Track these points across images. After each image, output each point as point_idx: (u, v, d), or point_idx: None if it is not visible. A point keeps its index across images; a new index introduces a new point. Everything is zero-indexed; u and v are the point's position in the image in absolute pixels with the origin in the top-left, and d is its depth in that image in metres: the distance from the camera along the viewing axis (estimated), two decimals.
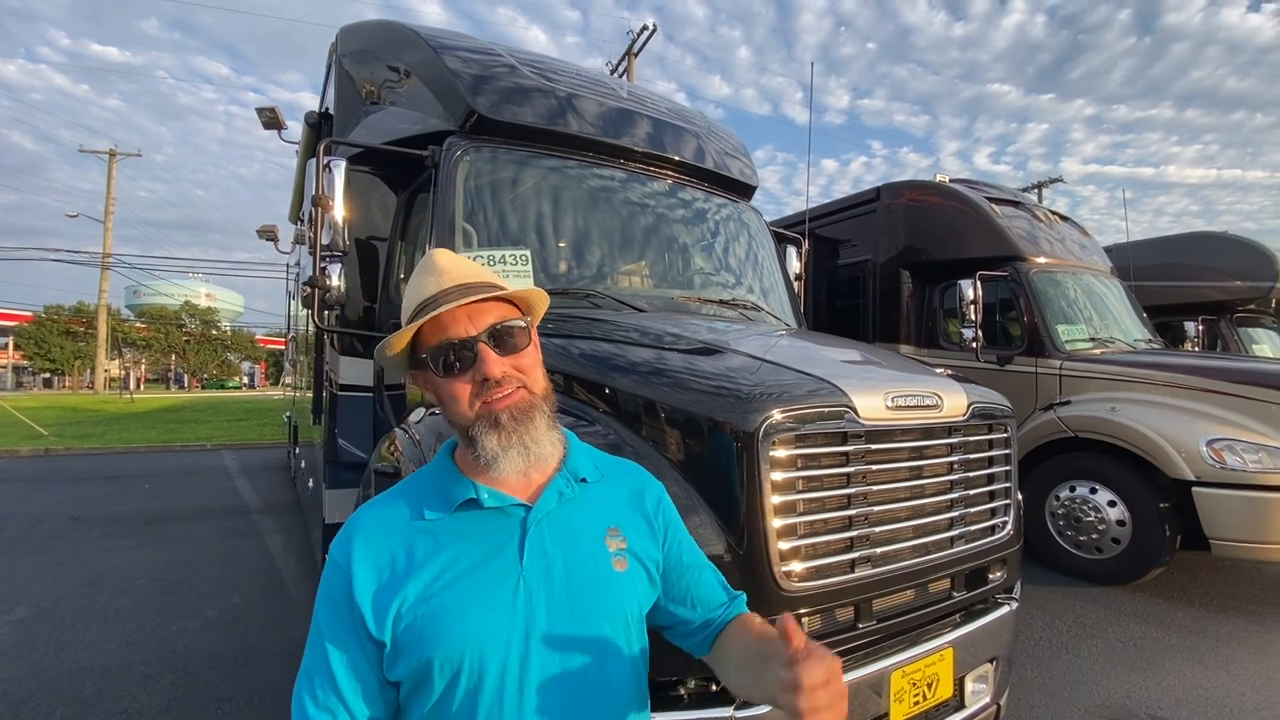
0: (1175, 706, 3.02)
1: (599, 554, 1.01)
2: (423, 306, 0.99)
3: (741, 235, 3.64)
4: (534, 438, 0.98)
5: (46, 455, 11.98)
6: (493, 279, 1.05)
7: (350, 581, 0.92)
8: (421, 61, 3.19)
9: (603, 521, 1.05)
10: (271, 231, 11.07)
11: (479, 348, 0.97)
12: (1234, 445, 4.24)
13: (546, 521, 1.00)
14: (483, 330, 0.98)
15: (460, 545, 0.96)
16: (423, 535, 0.96)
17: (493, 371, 0.97)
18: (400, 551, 0.95)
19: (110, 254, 35.00)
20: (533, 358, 1.04)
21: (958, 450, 2.01)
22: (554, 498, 1.02)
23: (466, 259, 1.08)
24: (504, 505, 0.99)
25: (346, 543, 0.97)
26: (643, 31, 18.14)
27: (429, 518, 0.98)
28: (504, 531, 0.98)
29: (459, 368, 0.98)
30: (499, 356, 0.98)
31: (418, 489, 1.03)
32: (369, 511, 1.02)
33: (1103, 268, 6.65)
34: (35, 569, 4.97)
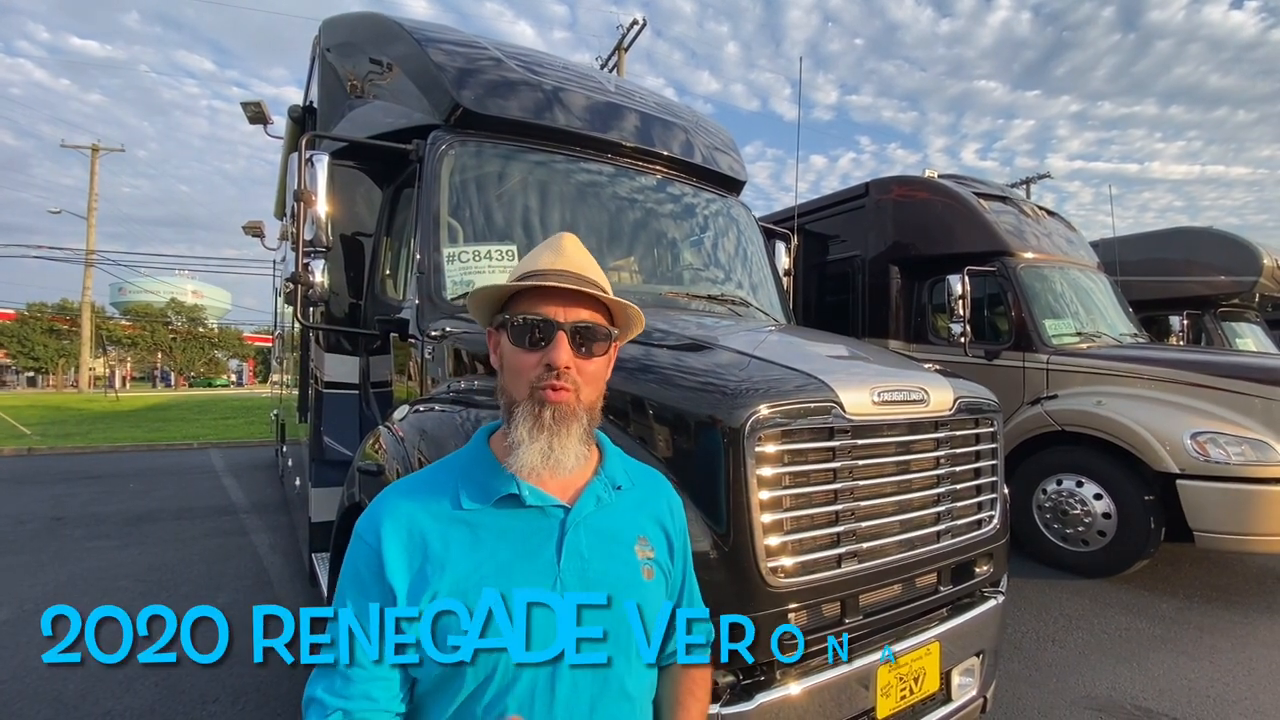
0: (1160, 696, 3.05)
1: (631, 561, 1.02)
2: (530, 275, 1.01)
3: (730, 230, 3.63)
4: (562, 445, 0.97)
5: (30, 455, 11.81)
6: (603, 283, 1.06)
7: (381, 562, 0.91)
8: (406, 55, 3.15)
9: (634, 530, 1.06)
10: (257, 228, 10.96)
11: (558, 334, 0.98)
12: (1218, 438, 4.29)
13: (584, 524, 1.00)
14: (571, 321, 0.99)
15: (498, 541, 0.96)
16: (459, 525, 0.96)
17: (560, 360, 0.97)
18: (435, 538, 0.94)
19: (94, 250, 34.54)
20: (600, 368, 1.04)
21: (944, 445, 2.01)
22: (592, 501, 1.02)
23: (591, 256, 1.09)
24: (544, 505, 0.99)
25: (376, 521, 0.96)
26: (632, 26, 18.07)
27: (467, 507, 0.97)
28: (543, 531, 0.98)
29: (532, 343, 0.99)
30: (572, 350, 0.99)
31: (453, 474, 1.03)
32: (399, 492, 1.01)
33: (1089, 263, 6.70)
34: (18, 570, 4.89)
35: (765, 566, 1.58)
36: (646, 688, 1.04)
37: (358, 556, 0.95)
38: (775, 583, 1.59)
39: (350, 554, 0.97)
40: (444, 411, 2.03)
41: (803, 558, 1.66)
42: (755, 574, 1.57)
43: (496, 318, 1.06)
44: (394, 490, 1.02)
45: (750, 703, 1.51)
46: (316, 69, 3.85)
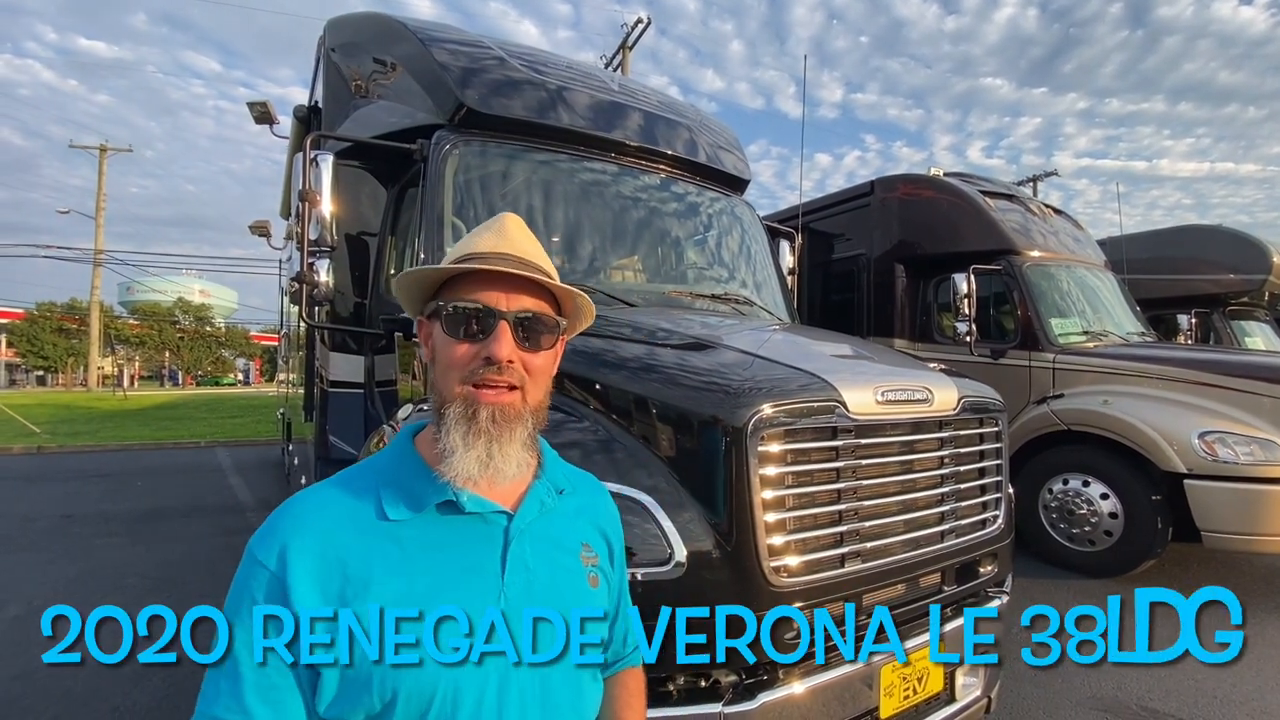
0: (1166, 697, 3.04)
1: (576, 569, 0.95)
2: (470, 258, 0.90)
3: (734, 229, 3.62)
4: (502, 452, 0.86)
5: (39, 453, 11.91)
6: (550, 268, 0.95)
7: (285, 589, 0.77)
8: (410, 54, 3.16)
9: (577, 536, 0.98)
10: (264, 227, 11.01)
11: (500, 324, 0.87)
12: (1226, 438, 4.26)
13: (529, 532, 0.91)
14: (514, 309, 0.88)
15: (432, 555, 0.84)
16: (383, 539, 0.83)
17: (500, 352, 0.86)
18: (355, 555, 0.80)
19: (102, 250, 34.77)
20: (547, 363, 0.94)
21: (948, 444, 2.01)
22: (536, 507, 0.93)
23: (536, 240, 0.98)
24: (485, 512, 0.88)
25: (276, 540, 0.81)
26: (637, 24, 18.05)
27: (393, 518, 0.84)
28: (484, 542, 0.88)
29: (468, 332, 0.87)
30: (514, 342, 0.88)
31: (373, 480, 0.89)
32: (307, 502, 0.87)
33: (1096, 261, 6.65)
34: (27, 567, 4.94)
35: (768, 566, 1.59)
36: (594, 702, 0.96)
37: (251, 582, 0.79)
38: (778, 582, 1.60)
39: (241, 579, 0.80)
40: None
41: (806, 557, 1.66)
42: (758, 573, 1.58)
43: (428, 305, 0.94)
44: (301, 500, 0.87)
45: (753, 702, 1.51)
46: (321, 69, 3.87)
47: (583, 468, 1.62)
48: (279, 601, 0.77)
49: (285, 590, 0.77)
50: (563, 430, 1.83)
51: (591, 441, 1.77)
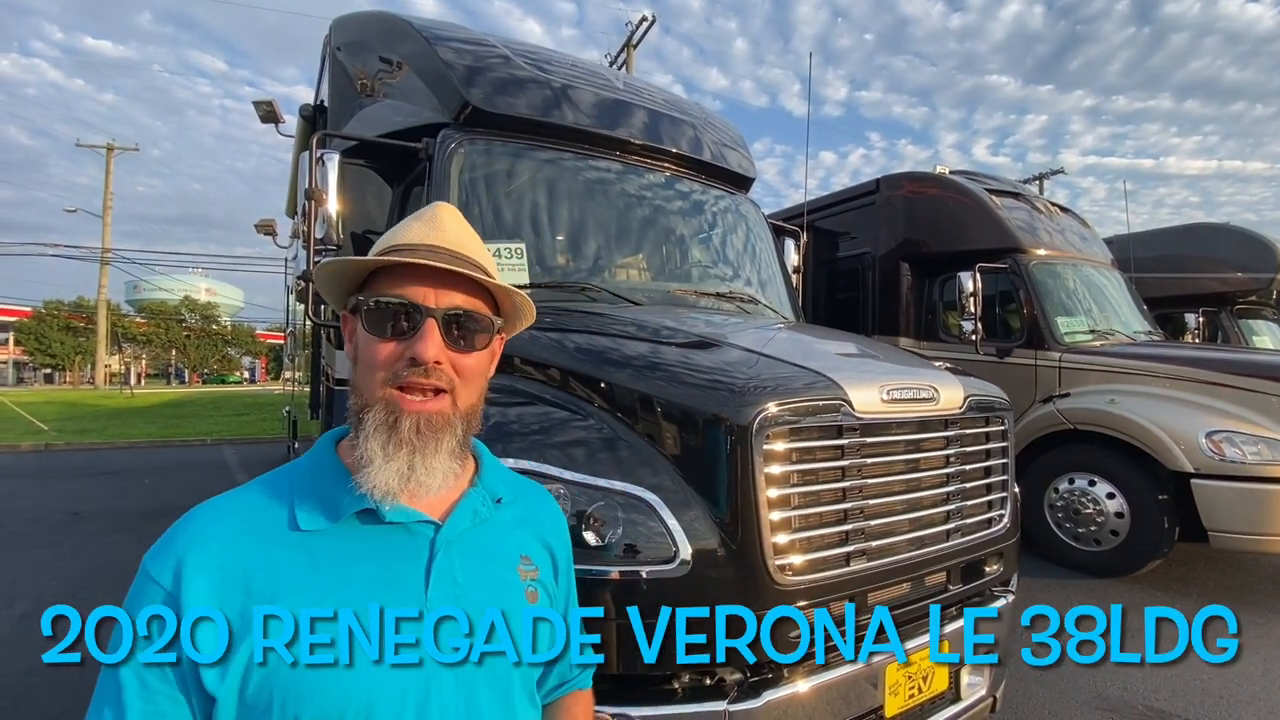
0: (1172, 697, 3.02)
1: (512, 583, 0.88)
2: (397, 249, 0.83)
3: (739, 227, 3.62)
4: (426, 464, 0.80)
5: (47, 450, 11.98)
6: (487, 263, 0.89)
7: (178, 608, 0.70)
8: (415, 53, 3.16)
9: (516, 548, 0.91)
10: (269, 226, 11.03)
11: (428, 322, 0.80)
12: (1233, 437, 4.23)
13: (457, 544, 0.84)
14: (444, 306, 0.82)
15: (346, 568, 0.77)
16: (293, 550, 0.76)
17: (427, 353, 0.79)
18: (259, 568, 0.74)
19: (109, 249, 34.96)
20: (480, 365, 0.87)
21: (954, 443, 2.00)
22: (468, 517, 0.86)
23: (474, 232, 0.92)
24: (408, 521, 0.81)
25: (172, 554, 0.73)
26: (641, 23, 18.04)
27: (305, 528, 0.77)
28: (407, 552, 0.81)
29: (393, 330, 0.80)
30: (443, 342, 0.81)
31: (288, 487, 0.82)
32: (210, 512, 0.79)
33: (1103, 259, 6.62)
34: (36, 564, 4.97)
35: (773, 564, 1.58)
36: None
37: (142, 600, 0.72)
38: (783, 580, 1.60)
39: (131, 595, 0.73)
40: None
41: (811, 556, 1.66)
42: (763, 572, 1.57)
43: (351, 300, 0.86)
44: (203, 510, 0.79)
45: (758, 700, 1.51)
46: (327, 68, 3.88)
47: (587, 466, 1.64)
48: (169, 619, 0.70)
49: (177, 607, 0.70)
50: (567, 428, 1.83)
51: (596, 439, 1.77)
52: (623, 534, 1.54)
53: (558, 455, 1.66)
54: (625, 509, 1.57)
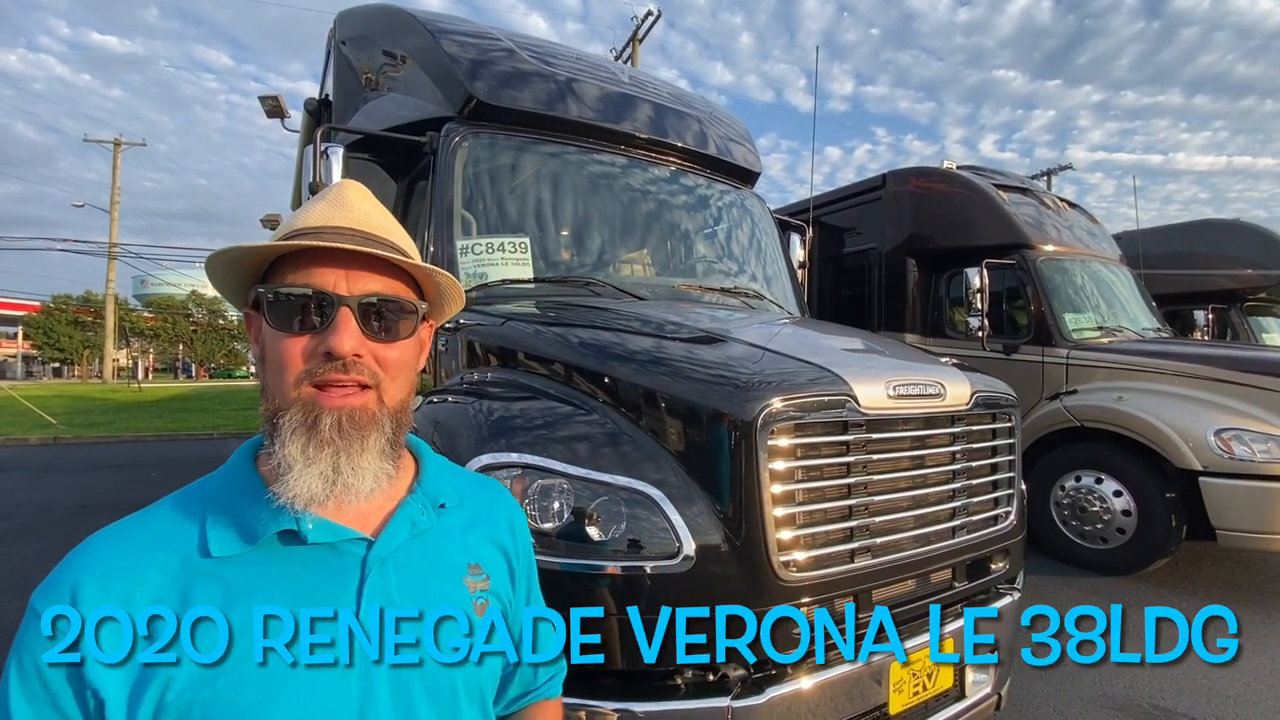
0: (1179, 696, 3.01)
1: (458, 598, 0.79)
2: (298, 233, 0.74)
3: (744, 222, 3.60)
4: (353, 464, 0.72)
5: (55, 444, 12.07)
6: (405, 244, 0.80)
7: (77, 651, 0.63)
8: (419, 46, 3.15)
9: (462, 557, 0.83)
10: (275, 221, 11.07)
11: (341, 311, 0.72)
12: (1242, 435, 4.19)
13: (392, 560, 0.76)
14: (356, 294, 0.73)
15: (265, 596, 0.69)
16: (204, 580, 0.68)
17: (341, 345, 0.71)
18: (167, 605, 0.66)
19: (117, 244, 35.13)
20: (406, 356, 0.79)
21: (960, 440, 1.99)
22: (405, 529, 0.78)
23: (386, 210, 0.82)
24: (336, 540, 0.73)
25: (67, 591, 0.66)
26: (647, 17, 17.97)
27: (216, 555, 0.69)
28: (334, 576, 0.72)
29: (302, 324, 0.72)
30: (361, 333, 0.73)
31: (198, 508, 0.73)
32: (110, 540, 0.71)
33: (1111, 255, 6.56)
34: (43, 557, 5.01)
35: (777, 561, 1.57)
36: None
37: (32, 643, 0.64)
38: (787, 577, 1.59)
39: (21, 639, 0.65)
40: (457, 403, 2.04)
41: (815, 552, 1.65)
42: (767, 568, 1.56)
43: (252, 293, 0.76)
44: (100, 539, 0.71)
45: (760, 697, 1.50)
46: (331, 62, 3.88)
47: (591, 461, 1.64)
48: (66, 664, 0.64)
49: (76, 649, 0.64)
50: (571, 423, 1.82)
51: (600, 434, 1.76)
52: (626, 529, 1.53)
53: (561, 450, 1.65)
54: (628, 504, 1.56)
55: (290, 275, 0.74)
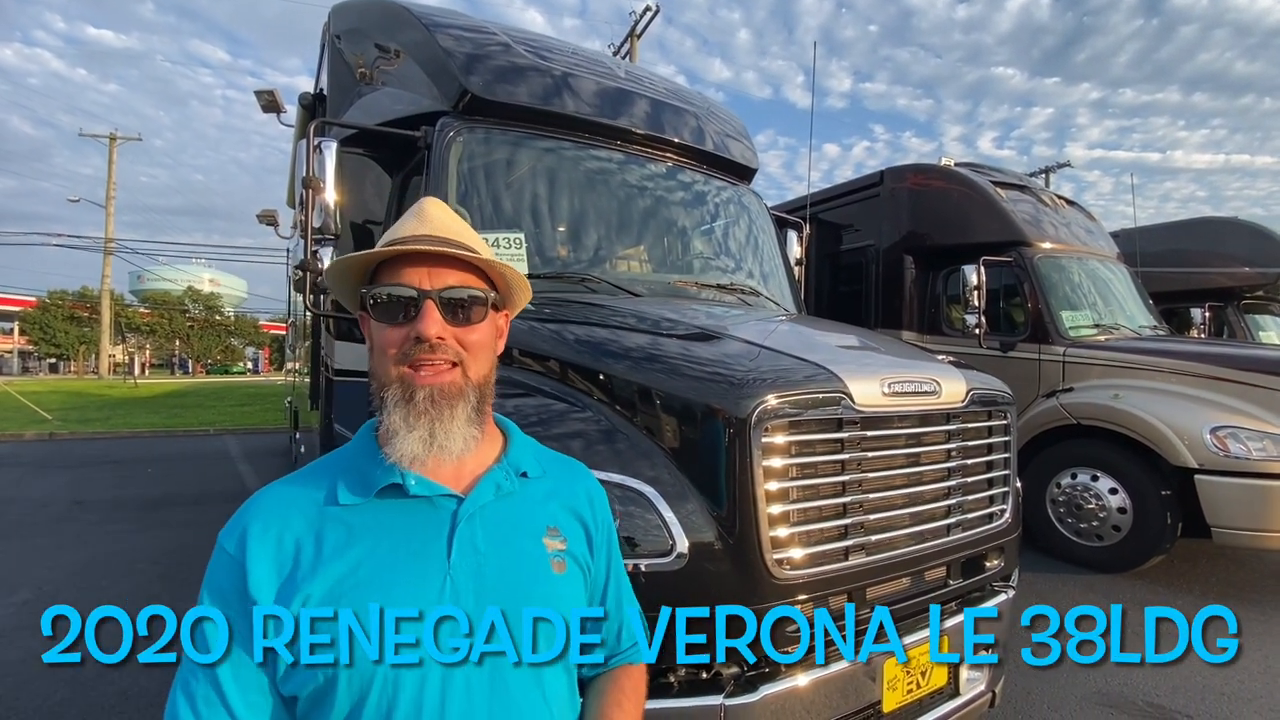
0: (1173, 693, 3.01)
1: (537, 554, 0.93)
2: (391, 244, 0.91)
3: (741, 219, 3.59)
4: (445, 429, 0.87)
5: (51, 439, 12.04)
6: (478, 246, 0.95)
7: (244, 574, 0.82)
8: (414, 40, 3.13)
9: (542, 519, 0.96)
10: (271, 216, 11.02)
11: (426, 303, 0.87)
12: (1238, 433, 4.20)
13: (480, 516, 0.90)
14: (438, 288, 0.89)
15: (377, 537, 0.86)
16: (334, 523, 0.86)
17: (429, 330, 0.86)
18: (307, 541, 0.84)
19: (113, 239, 35.00)
20: (484, 337, 0.94)
21: (956, 437, 1.98)
22: (490, 490, 0.93)
23: (462, 220, 0.99)
24: (432, 495, 0.89)
25: (240, 529, 0.85)
26: (645, 12, 17.89)
27: (343, 503, 0.87)
28: (431, 524, 0.88)
29: (397, 317, 0.88)
30: (444, 320, 0.88)
31: (333, 469, 0.93)
32: (270, 494, 0.91)
33: (1109, 253, 6.56)
34: (37, 552, 4.99)
35: (770, 558, 1.57)
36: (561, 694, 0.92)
37: (219, 569, 0.85)
38: (781, 575, 1.58)
39: (212, 566, 0.86)
40: None
41: (809, 550, 1.65)
42: (761, 566, 1.56)
43: (359, 296, 0.95)
44: (265, 492, 0.92)
45: (755, 694, 1.50)
46: (326, 55, 3.84)
47: (585, 458, 1.61)
48: (239, 583, 0.82)
49: (244, 573, 0.82)
50: (565, 420, 1.82)
51: (594, 431, 1.76)
52: (619, 526, 1.52)
53: (554, 447, 1.63)
54: (622, 502, 1.55)
55: (387, 278, 0.91)
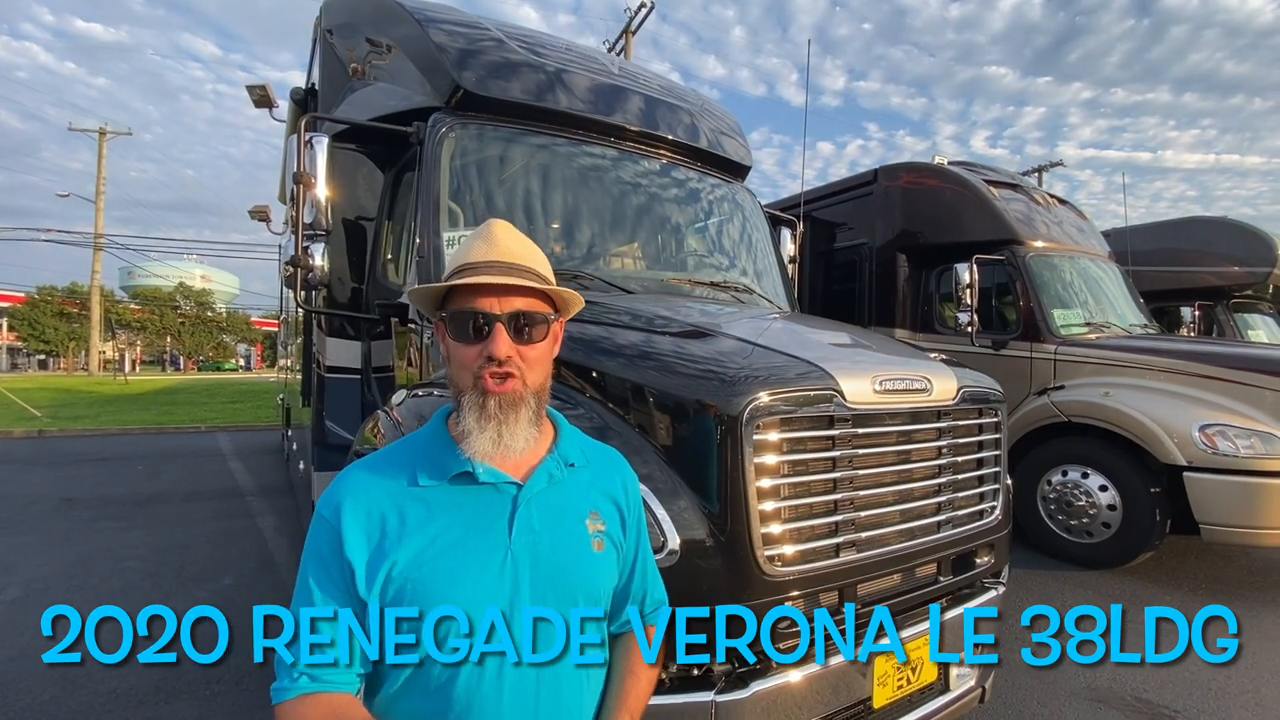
0: (1160, 689, 3.04)
1: (581, 534, 1.08)
2: (462, 269, 1.05)
3: (735, 217, 3.59)
4: (511, 431, 1.02)
5: (40, 437, 11.94)
6: (539, 267, 1.09)
7: (340, 539, 0.97)
8: (406, 35, 3.11)
9: (586, 505, 1.11)
10: (264, 212, 10.96)
11: (496, 326, 1.02)
12: (1226, 430, 4.24)
13: (536, 500, 1.05)
14: (506, 312, 1.03)
15: (452, 515, 1.01)
16: (415, 501, 1.01)
17: (500, 352, 1.01)
18: (392, 514, 1.00)
19: (103, 234, 34.68)
20: (543, 351, 1.08)
21: (946, 435, 1.99)
22: (544, 479, 1.07)
23: (525, 238, 1.12)
24: (497, 482, 1.04)
25: (336, 500, 1.01)
26: (640, 9, 17.85)
27: (423, 484, 1.03)
28: (495, 506, 1.03)
29: (472, 337, 1.03)
30: (512, 341, 1.02)
31: (410, 454, 1.07)
32: (359, 471, 1.06)
33: (1100, 252, 6.60)
34: (26, 550, 4.95)
35: (762, 555, 1.57)
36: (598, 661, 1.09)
37: (319, 534, 1.00)
38: (772, 571, 1.59)
39: (312, 531, 1.02)
40: (442, 396, 2.02)
41: (800, 546, 1.65)
42: (752, 562, 1.56)
43: (439, 313, 1.09)
44: (355, 469, 1.07)
45: (745, 691, 1.50)
46: (318, 50, 3.82)
47: None
48: (336, 546, 0.97)
49: (340, 538, 0.97)
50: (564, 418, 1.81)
51: (586, 429, 1.74)
52: None
53: None
54: None
55: (463, 300, 1.05)
